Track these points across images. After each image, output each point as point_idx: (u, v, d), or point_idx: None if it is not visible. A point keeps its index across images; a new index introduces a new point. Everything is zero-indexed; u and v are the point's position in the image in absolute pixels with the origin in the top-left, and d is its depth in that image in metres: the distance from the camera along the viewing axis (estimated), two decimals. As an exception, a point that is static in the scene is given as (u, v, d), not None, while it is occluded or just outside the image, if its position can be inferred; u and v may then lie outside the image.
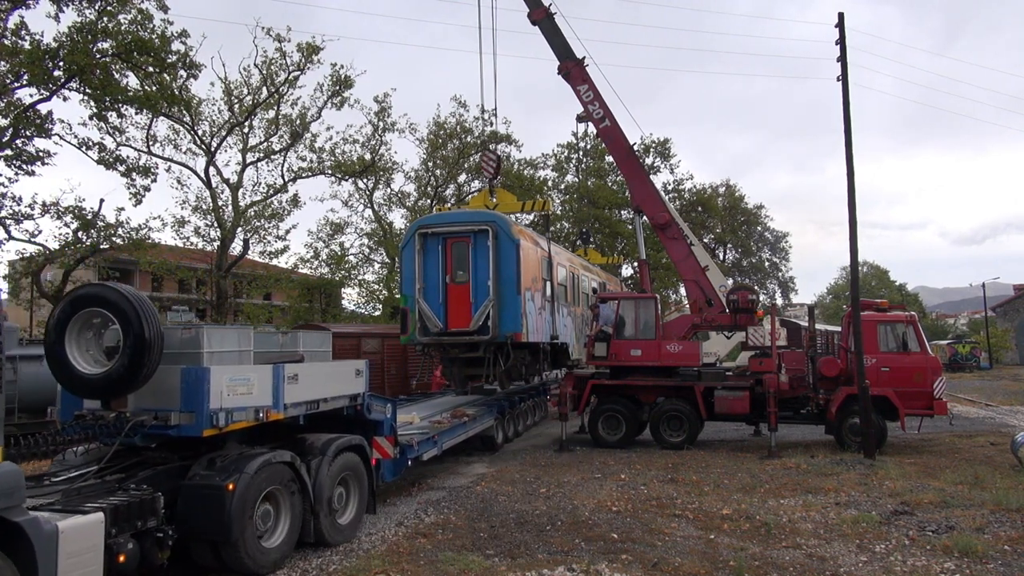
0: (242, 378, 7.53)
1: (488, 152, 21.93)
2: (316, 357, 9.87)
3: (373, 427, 10.07)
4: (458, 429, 13.80)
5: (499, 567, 7.86)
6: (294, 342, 9.81)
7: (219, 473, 7.36)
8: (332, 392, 9.05)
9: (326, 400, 8.88)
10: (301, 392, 8.36)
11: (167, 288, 50.31)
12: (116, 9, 21.75)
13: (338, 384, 9.24)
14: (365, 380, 9.72)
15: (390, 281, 35.31)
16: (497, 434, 16.34)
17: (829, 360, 16.04)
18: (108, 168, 24.36)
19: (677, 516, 10.01)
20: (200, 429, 7.05)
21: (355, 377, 9.56)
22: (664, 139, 48.83)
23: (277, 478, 7.87)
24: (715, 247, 59.84)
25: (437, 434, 12.49)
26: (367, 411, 9.74)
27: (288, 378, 8.11)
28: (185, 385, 7.09)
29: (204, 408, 7.03)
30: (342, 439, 9.06)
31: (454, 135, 38.09)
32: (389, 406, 10.40)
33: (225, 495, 7.16)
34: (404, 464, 10.83)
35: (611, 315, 17.43)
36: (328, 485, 8.60)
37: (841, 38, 15.40)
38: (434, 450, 12.23)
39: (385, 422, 10.24)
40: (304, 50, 30.43)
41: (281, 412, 8.02)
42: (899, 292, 78.08)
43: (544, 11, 18.81)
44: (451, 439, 13.31)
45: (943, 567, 7.75)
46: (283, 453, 8.01)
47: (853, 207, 15.30)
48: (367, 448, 9.64)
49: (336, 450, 8.83)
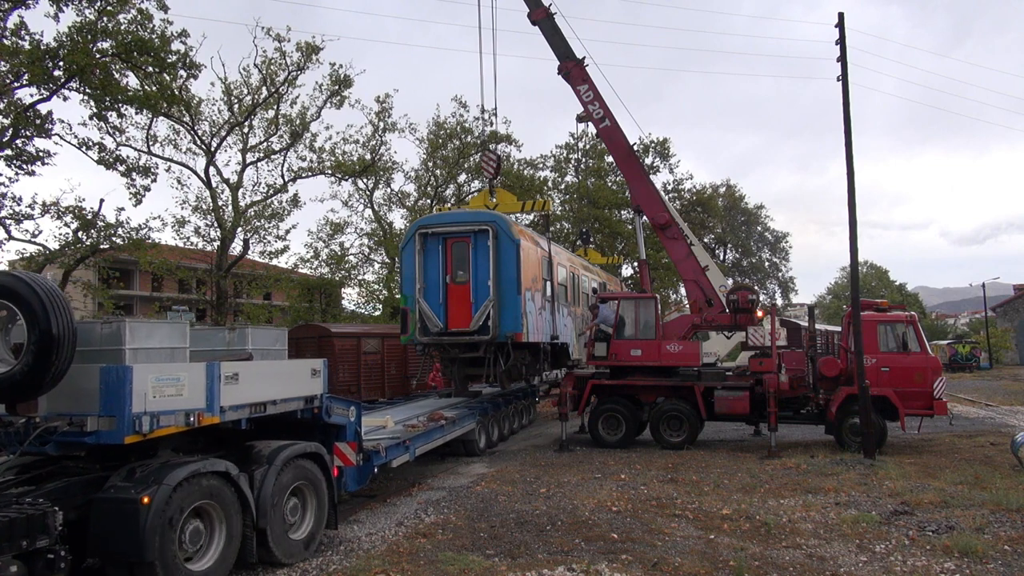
0: (170, 378, 6.77)
1: (488, 152, 21.94)
2: (269, 356, 9.18)
3: (336, 432, 9.39)
4: (434, 433, 13.21)
5: (499, 567, 7.86)
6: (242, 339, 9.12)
7: (136, 485, 6.50)
8: (282, 393, 8.26)
9: (275, 402, 8.08)
10: (243, 393, 7.56)
11: (167, 288, 50.29)
12: (116, 9, 21.73)
13: (290, 385, 8.43)
14: (323, 380, 8.96)
15: (390, 281, 35.29)
16: (479, 438, 15.74)
17: (829, 360, 16.04)
18: (108, 168, 24.34)
19: (677, 516, 10.01)
20: (121, 436, 6.31)
21: (311, 377, 8.78)
22: (663, 139, 48.82)
23: (209, 491, 7.00)
24: (715, 247, 59.88)
25: (409, 439, 11.84)
26: (326, 414, 9.00)
27: (226, 377, 7.29)
28: (104, 386, 6.34)
29: (126, 412, 6.31)
30: (293, 446, 8.25)
31: (454, 135, 38.08)
32: (353, 409, 9.64)
33: (139, 510, 6.29)
34: (370, 472, 10.14)
35: (611, 315, 17.44)
36: (276, 498, 7.80)
37: (841, 38, 15.40)
38: (405, 456, 11.56)
39: (348, 426, 9.50)
40: (304, 50, 30.43)
41: (217, 416, 7.21)
42: (899, 292, 78.08)
43: (544, 11, 18.82)
44: (425, 444, 12.72)
45: (943, 567, 7.75)
46: (216, 463, 7.15)
47: (853, 207, 15.30)
48: (326, 455, 8.87)
49: (286, 459, 8.05)
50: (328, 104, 32.69)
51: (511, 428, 18.64)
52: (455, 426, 14.29)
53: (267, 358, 9.08)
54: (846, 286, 62.47)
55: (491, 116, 30.72)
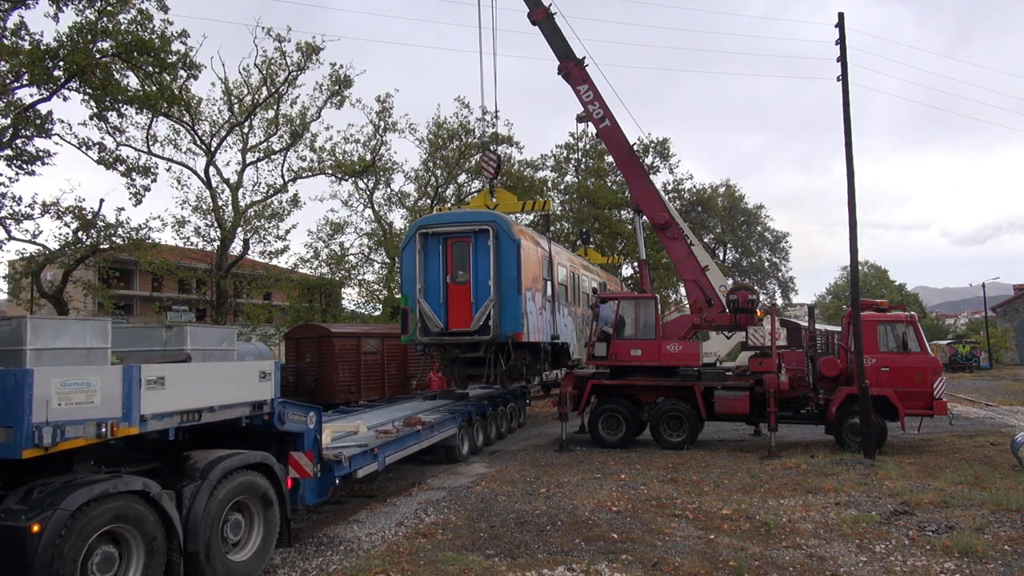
0: (78, 383, 5.89)
1: (488, 152, 21.93)
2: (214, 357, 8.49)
3: (293, 440, 8.63)
4: (408, 440, 12.46)
5: (499, 567, 7.86)
6: (180, 338, 8.32)
7: (30, 509, 5.63)
8: (222, 399, 7.36)
9: (212, 409, 7.19)
10: (170, 400, 6.67)
11: (167, 288, 50.30)
12: (116, 9, 21.74)
13: (232, 389, 7.56)
14: (274, 384, 8.11)
15: (390, 281, 35.29)
16: (461, 444, 15.05)
17: (829, 360, 16.05)
18: (108, 168, 24.36)
19: (677, 516, 10.01)
20: (18, 450, 5.49)
21: (259, 381, 7.92)
22: (663, 139, 48.85)
23: (121, 514, 6.11)
24: (715, 247, 59.89)
25: (378, 446, 11.04)
26: (279, 421, 8.19)
27: (147, 382, 6.39)
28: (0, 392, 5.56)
29: (24, 422, 5.48)
30: (233, 458, 7.41)
31: (455, 135, 38.10)
32: (312, 415, 8.84)
33: (27, 540, 5.42)
34: (331, 483, 9.40)
35: (611, 315, 17.44)
36: (211, 517, 7.00)
37: (841, 38, 15.41)
38: (373, 465, 10.74)
39: (306, 434, 8.70)
40: (304, 50, 30.44)
41: (135, 426, 6.29)
42: (899, 292, 78.05)
43: (544, 11, 18.81)
44: (397, 452, 11.94)
45: (943, 567, 7.76)
46: (131, 480, 6.26)
47: (853, 207, 15.30)
48: (275, 467, 8.05)
49: (224, 472, 7.21)
50: (328, 104, 32.74)
51: (499, 432, 17.98)
52: (433, 432, 13.63)
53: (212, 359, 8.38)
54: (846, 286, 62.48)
55: (492, 118, 30.76)
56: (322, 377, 22.96)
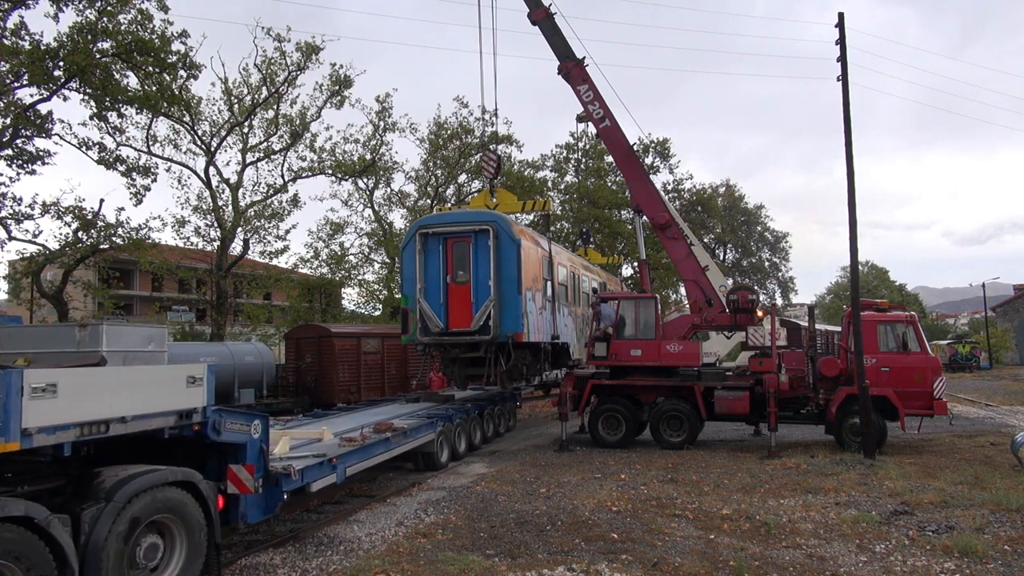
0: None
1: (488, 152, 21.93)
2: (138, 360, 7.83)
3: (235, 452, 7.80)
4: (375, 448, 11.56)
5: (499, 567, 7.86)
6: (95, 338, 7.56)
7: None
8: (136, 408, 6.43)
9: (124, 420, 6.26)
10: (66, 410, 5.76)
11: (167, 288, 50.34)
12: (116, 9, 21.76)
13: (150, 397, 6.64)
14: (206, 391, 7.25)
15: (390, 281, 35.31)
16: (440, 451, 14.21)
17: (829, 360, 16.04)
18: (108, 168, 24.39)
19: (677, 516, 10.01)
20: None
21: (187, 387, 7.03)
22: (663, 139, 48.88)
23: None
24: (715, 247, 59.89)
25: (338, 456, 10.19)
26: (212, 432, 7.32)
27: (33, 389, 5.47)
28: None
29: None
30: (148, 476, 6.54)
31: (455, 135, 38.12)
32: (256, 424, 7.99)
33: None
34: (278, 499, 8.52)
35: (611, 315, 17.44)
36: (116, 543, 6.17)
37: (841, 38, 15.41)
38: (331, 476, 9.90)
39: (249, 445, 7.86)
40: (304, 50, 30.46)
41: (15, 441, 5.38)
42: (899, 292, 78.05)
43: (544, 11, 18.80)
44: (361, 462, 11.05)
45: (943, 567, 7.76)
46: (10, 504, 5.40)
47: (853, 207, 15.31)
48: (202, 484, 7.15)
49: (133, 493, 6.33)
50: (328, 104, 32.77)
51: (484, 436, 17.22)
52: (407, 438, 12.77)
53: (136, 362, 7.65)
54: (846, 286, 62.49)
55: (492, 117, 30.79)
56: (322, 377, 22.97)
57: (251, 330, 35.80)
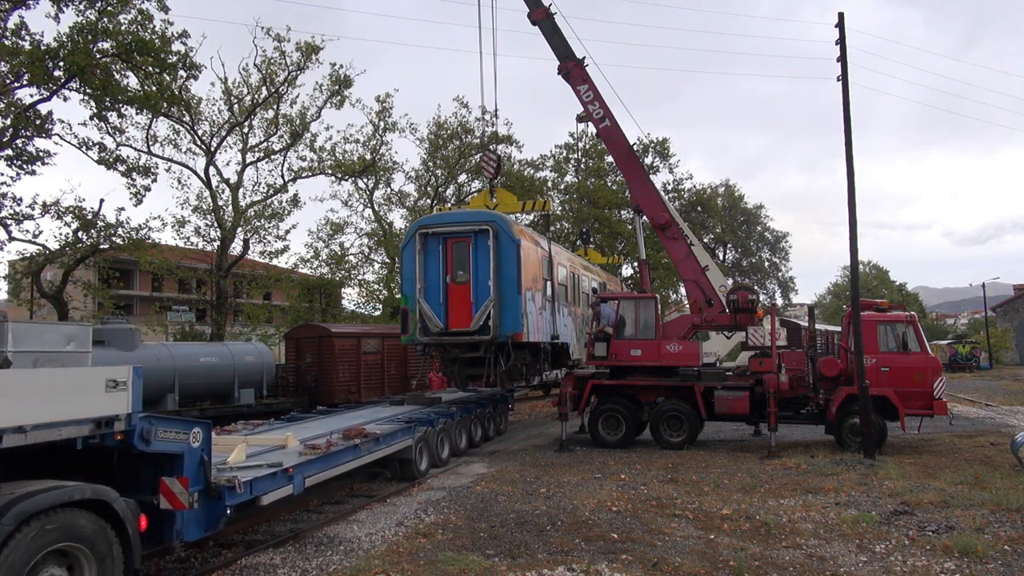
0: None
1: (488, 152, 21.93)
2: (54, 361, 7.15)
3: (169, 464, 7.11)
4: (340, 456, 10.73)
5: (499, 567, 7.86)
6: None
7: None
8: (39, 416, 5.68)
9: (22, 430, 5.53)
10: None
11: (167, 288, 50.33)
12: (116, 9, 21.76)
13: (59, 403, 5.86)
14: (131, 396, 6.49)
15: (390, 281, 35.31)
16: (419, 458, 13.34)
17: (829, 360, 16.05)
18: (108, 168, 24.39)
19: (677, 516, 10.01)
20: None
21: (106, 391, 6.25)
22: (663, 139, 48.87)
23: None
24: (715, 247, 59.89)
25: (296, 465, 9.42)
26: (140, 442, 6.58)
27: None
28: None
29: None
30: (45, 495, 5.69)
31: (455, 135, 38.13)
32: (196, 431, 7.30)
33: None
34: (221, 514, 7.80)
35: (611, 315, 17.44)
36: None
37: (841, 38, 15.41)
38: (287, 488, 9.13)
39: (187, 455, 7.18)
40: (304, 50, 30.45)
41: None
42: (899, 292, 78.06)
43: (544, 11, 18.81)
44: (324, 471, 10.19)
45: (943, 567, 7.76)
46: None
47: (853, 207, 15.31)
48: (117, 503, 6.28)
49: (24, 516, 5.43)
50: (328, 104, 32.76)
51: (471, 441, 16.54)
52: (379, 444, 11.98)
53: (52, 364, 6.92)
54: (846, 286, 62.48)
55: (492, 117, 30.80)
56: (322, 377, 22.98)
57: (251, 330, 35.77)
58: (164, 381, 18.72)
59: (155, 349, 19.61)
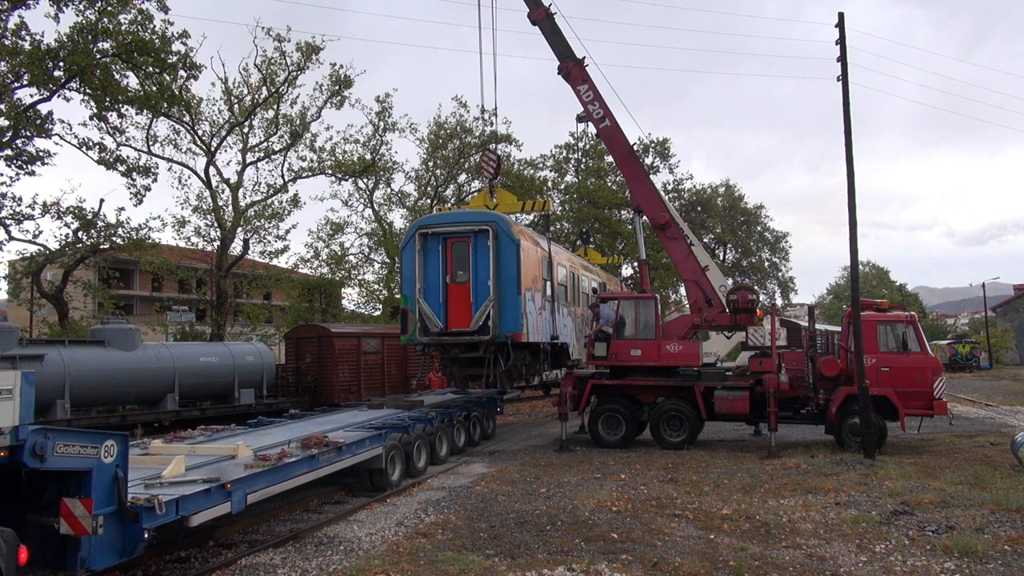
0: None
1: (488, 152, 21.93)
2: None
3: (74, 483, 6.35)
4: (295, 468, 9.76)
5: (499, 567, 7.86)
6: None
7: None
8: None
9: None
10: None
11: (167, 288, 50.33)
12: (116, 9, 21.77)
13: None
14: (19, 406, 5.93)
15: (390, 281, 35.33)
16: (391, 467, 12.32)
17: (829, 360, 16.04)
18: (108, 168, 24.41)
19: (677, 516, 10.01)
20: None
21: None
22: (663, 139, 48.85)
23: None
24: (715, 247, 59.85)
25: (235, 480, 8.39)
26: (31, 457, 5.83)
27: None
28: None
29: None
30: None
31: (455, 135, 38.13)
32: (109, 444, 6.51)
33: None
34: (137, 538, 6.84)
35: (611, 315, 17.44)
36: None
37: (841, 38, 15.41)
38: (224, 506, 8.10)
39: (95, 473, 6.37)
40: (304, 50, 30.45)
41: None
42: (899, 292, 78.07)
43: (544, 11, 18.79)
44: (272, 485, 9.16)
45: (943, 567, 7.76)
46: None
47: (853, 206, 15.31)
48: None
49: None
50: (328, 104, 32.76)
51: (453, 447, 15.53)
52: (341, 455, 10.91)
53: None
54: (846, 286, 62.47)
55: (491, 116, 30.80)
56: (322, 377, 22.99)
57: (251, 330, 35.76)
58: (164, 381, 18.73)
59: (155, 349, 19.60)
